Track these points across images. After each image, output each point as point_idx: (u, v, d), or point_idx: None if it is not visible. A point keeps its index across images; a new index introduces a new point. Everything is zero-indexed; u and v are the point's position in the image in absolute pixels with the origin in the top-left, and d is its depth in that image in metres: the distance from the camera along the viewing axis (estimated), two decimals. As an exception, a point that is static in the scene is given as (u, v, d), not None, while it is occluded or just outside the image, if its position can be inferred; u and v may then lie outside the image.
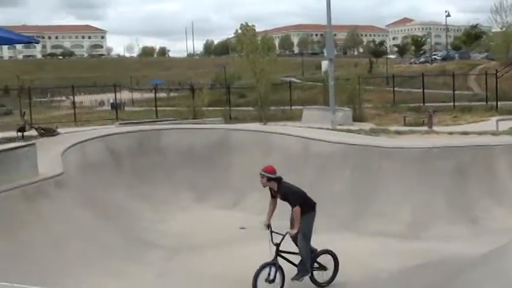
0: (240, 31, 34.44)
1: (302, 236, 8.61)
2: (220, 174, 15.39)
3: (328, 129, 20.28)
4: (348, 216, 12.95)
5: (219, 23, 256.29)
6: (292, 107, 37.28)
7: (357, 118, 30.23)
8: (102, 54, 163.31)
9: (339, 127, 21.76)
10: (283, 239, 8.54)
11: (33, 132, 18.43)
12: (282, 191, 8.67)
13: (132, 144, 15.70)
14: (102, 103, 50.25)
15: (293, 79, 62.72)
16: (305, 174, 14.08)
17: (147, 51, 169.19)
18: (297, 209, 8.52)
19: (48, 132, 18.13)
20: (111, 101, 44.07)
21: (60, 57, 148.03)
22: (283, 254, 8.61)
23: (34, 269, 8.44)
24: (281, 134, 16.49)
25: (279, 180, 8.69)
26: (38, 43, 44.52)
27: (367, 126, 23.31)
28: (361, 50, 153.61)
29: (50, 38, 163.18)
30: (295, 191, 8.77)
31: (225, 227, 12.65)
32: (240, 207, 14.22)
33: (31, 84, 51.52)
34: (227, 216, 13.64)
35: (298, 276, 8.69)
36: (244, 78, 47.20)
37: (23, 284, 5.16)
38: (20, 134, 18.27)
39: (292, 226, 8.66)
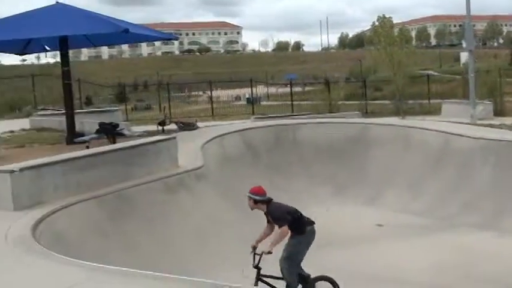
0: (377, 23, 33.76)
1: (285, 257, 7.75)
2: (357, 169, 15.13)
3: (468, 123, 19.31)
4: (490, 214, 12.22)
5: (353, 16, 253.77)
6: (431, 101, 35.89)
7: (497, 112, 28.45)
8: (237, 50, 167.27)
9: (479, 122, 20.66)
10: (259, 260, 7.67)
11: (173, 126, 19.14)
12: (270, 210, 7.83)
13: (268, 138, 15.85)
14: (238, 98, 51.43)
15: (431, 72, 60.46)
16: (445, 171, 13.50)
17: (281, 46, 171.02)
18: (285, 228, 7.58)
19: (187, 126, 18.73)
20: (247, 95, 44.97)
21: (197, 53, 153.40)
22: (264, 279, 7.76)
23: (175, 259, 8.73)
24: (421, 128, 15.89)
25: (267, 201, 7.86)
26: (177, 39, 46.57)
27: (508, 121, 21.89)
28: (501, 40, 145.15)
29: (187, 34, 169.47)
30: (284, 210, 7.82)
31: (361, 224, 12.43)
32: (377, 204, 13.90)
33: (169, 79, 53.84)
34: (364, 212, 13.39)
35: None
36: (380, 71, 46.21)
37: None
38: (160, 127, 19.04)
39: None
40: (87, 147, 12.83)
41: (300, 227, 7.76)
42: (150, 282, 5.23)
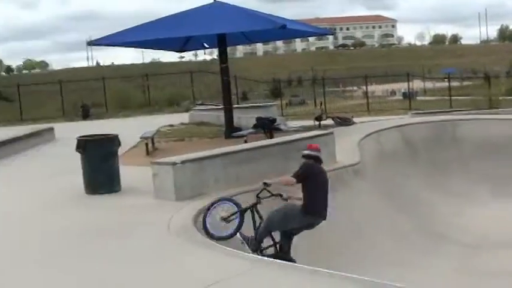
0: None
1: (273, 214, 7.45)
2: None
3: None
4: None
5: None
6: None
7: None
8: (392, 44, 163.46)
9: None
10: (268, 197, 7.50)
11: (329, 121, 18.99)
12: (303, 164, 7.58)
13: (427, 135, 15.21)
14: (393, 92, 50.19)
15: None
16: None
17: (438, 39, 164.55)
18: (293, 178, 7.37)
19: (344, 121, 18.53)
20: (403, 90, 43.67)
21: (351, 47, 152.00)
22: (255, 211, 7.54)
23: (333, 255, 8.58)
24: None
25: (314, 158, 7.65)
26: (332, 35, 46.33)
27: None
28: None
29: (341, 29, 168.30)
30: (310, 172, 7.47)
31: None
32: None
33: (324, 74, 53.80)
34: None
35: (242, 238, 7.35)
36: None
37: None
38: (317, 122, 18.98)
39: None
40: (245, 142, 13.06)
41: (313, 205, 7.35)
42: (310, 276, 5.17)
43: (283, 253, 7.49)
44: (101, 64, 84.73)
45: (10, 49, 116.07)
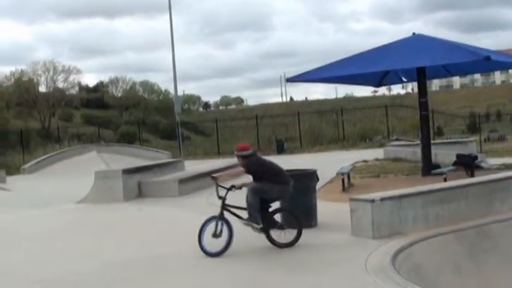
0: None
1: (253, 187, 8.43)
2: None
3: None
4: None
5: None
6: None
7: None
8: None
9: None
10: (227, 193, 8.30)
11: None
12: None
13: None
14: None
15: None
16: None
17: None
18: (240, 168, 8.58)
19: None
20: None
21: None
22: (229, 208, 8.31)
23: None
24: None
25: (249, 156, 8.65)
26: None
27: None
28: None
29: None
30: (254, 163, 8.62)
31: None
32: None
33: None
34: None
35: (244, 220, 8.41)
36: None
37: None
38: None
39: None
40: (445, 180, 12.53)
41: (278, 180, 8.46)
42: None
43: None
44: (295, 99, 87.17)
45: (208, 86, 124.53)
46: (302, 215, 9.63)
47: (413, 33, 15.72)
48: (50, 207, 14.69)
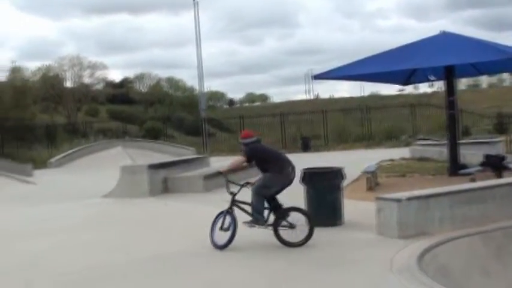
0: None
1: (255, 187, 8.50)
2: None
3: None
4: None
5: None
6: None
7: None
8: None
9: None
10: (240, 190, 8.57)
11: None
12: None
13: None
14: None
15: None
16: None
17: None
18: (240, 157, 8.72)
19: None
20: None
21: None
22: (239, 204, 8.55)
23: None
24: None
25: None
26: None
27: None
28: None
29: None
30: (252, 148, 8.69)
31: None
32: None
33: None
34: None
35: (247, 222, 8.51)
36: None
37: None
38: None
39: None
40: (473, 180, 12.38)
41: (276, 167, 8.50)
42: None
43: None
44: (321, 97, 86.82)
45: (233, 83, 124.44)
46: (328, 213, 9.66)
47: (442, 31, 15.53)
48: (76, 201, 14.88)
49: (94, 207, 13.82)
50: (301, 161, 11.15)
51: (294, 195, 10.33)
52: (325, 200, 9.64)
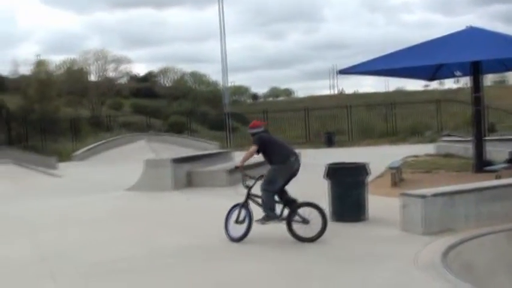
0: None
1: (263, 183, 8.57)
2: None
3: None
4: None
5: None
6: None
7: None
8: None
9: None
10: (255, 183, 8.67)
11: None
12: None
13: None
14: None
15: None
16: None
17: None
18: (253, 147, 8.69)
19: None
20: None
21: None
22: (254, 198, 8.63)
23: None
24: None
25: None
26: None
27: None
28: None
29: None
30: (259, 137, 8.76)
31: None
32: None
33: None
34: None
35: (259, 220, 8.54)
36: None
37: None
38: None
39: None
40: (498, 177, 12.22)
41: (279, 157, 8.57)
42: None
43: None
44: (345, 92, 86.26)
45: (257, 77, 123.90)
46: (352, 209, 9.62)
47: (468, 26, 15.33)
48: (100, 193, 15.03)
49: (118, 200, 13.93)
50: (326, 156, 11.13)
51: (314, 189, 10.36)
52: (350, 195, 9.61)
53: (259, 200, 8.65)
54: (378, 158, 17.08)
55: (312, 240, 8.30)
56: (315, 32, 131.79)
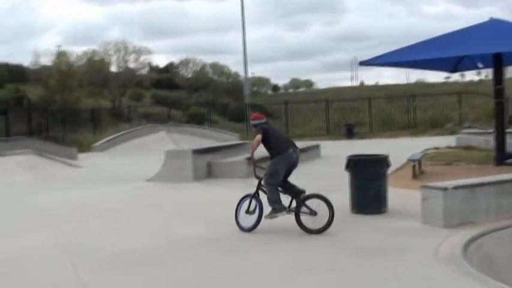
0: None
1: (265, 176, 8.74)
2: None
3: None
4: None
5: None
6: None
7: None
8: None
9: None
10: (254, 169, 8.97)
11: None
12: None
13: None
14: None
15: None
16: None
17: None
18: (257, 136, 8.77)
19: None
20: None
21: None
22: (264, 189, 8.73)
23: None
24: None
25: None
26: None
27: None
28: None
29: None
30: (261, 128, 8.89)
31: None
32: None
33: None
34: None
35: (268, 216, 8.67)
36: None
37: None
38: None
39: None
40: (520, 169, 12.10)
41: (277, 148, 8.72)
42: None
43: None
44: (366, 84, 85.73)
45: (277, 69, 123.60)
46: (372, 201, 9.59)
47: (491, 18, 15.14)
48: (120, 184, 15.15)
49: (138, 190, 14.04)
50: (345, 148, 11.09)
51: (336, 181, 10.33)
52: (370, 187, 9.58)
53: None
54: (398, 150, 16.98)
55: (319, 232, 8.33)
56: (336, 23, 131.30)
